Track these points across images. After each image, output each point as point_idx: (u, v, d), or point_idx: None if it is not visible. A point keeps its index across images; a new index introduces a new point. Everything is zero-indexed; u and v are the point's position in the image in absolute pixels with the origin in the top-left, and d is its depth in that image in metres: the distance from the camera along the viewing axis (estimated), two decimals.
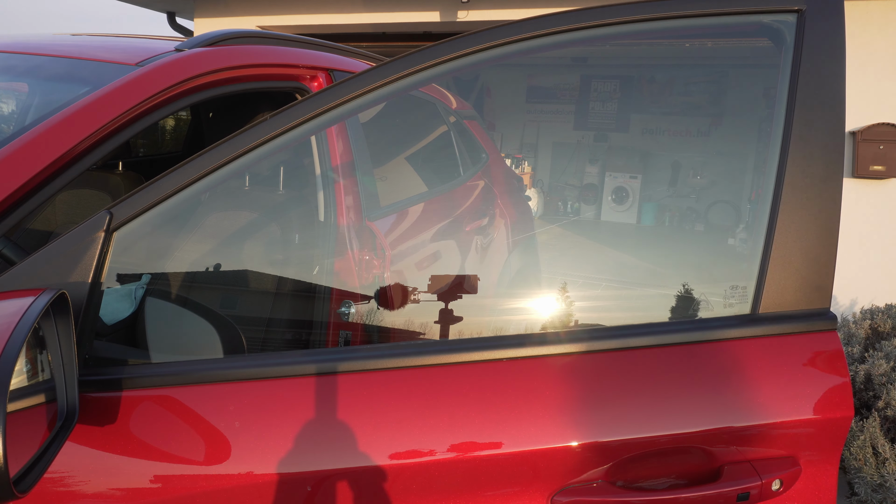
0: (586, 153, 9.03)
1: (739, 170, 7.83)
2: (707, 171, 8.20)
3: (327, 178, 1.75)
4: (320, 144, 1.74)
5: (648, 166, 8.58)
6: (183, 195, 1.11)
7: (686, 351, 1.08)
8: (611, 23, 1.14)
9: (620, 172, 8.47)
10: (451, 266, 2.23)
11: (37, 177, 1.18)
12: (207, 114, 2.68)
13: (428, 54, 1.14)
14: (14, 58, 1.64)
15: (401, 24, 5.95)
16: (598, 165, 8.73)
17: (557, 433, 1.03)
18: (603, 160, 8.78)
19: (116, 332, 1.50)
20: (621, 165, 8.59)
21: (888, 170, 4.63)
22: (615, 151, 8.90)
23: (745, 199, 7.55)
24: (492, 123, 9.20)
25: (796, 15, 1.11)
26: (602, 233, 8.06)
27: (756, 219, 1.14)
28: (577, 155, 9.11)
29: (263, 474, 1.02)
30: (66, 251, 1.04)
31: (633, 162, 8.70)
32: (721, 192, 7.91)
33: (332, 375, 1.07)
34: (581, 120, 9.27)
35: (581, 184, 8.73)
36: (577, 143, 9.23)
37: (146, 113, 1.37)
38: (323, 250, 1.77)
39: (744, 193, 7.68)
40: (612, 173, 8.50)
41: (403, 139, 2.62)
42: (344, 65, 1.95)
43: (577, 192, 8.71)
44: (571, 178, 8.95)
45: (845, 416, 1.05)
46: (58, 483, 1.01)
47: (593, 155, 8.92)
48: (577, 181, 8.79)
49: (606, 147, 9.02)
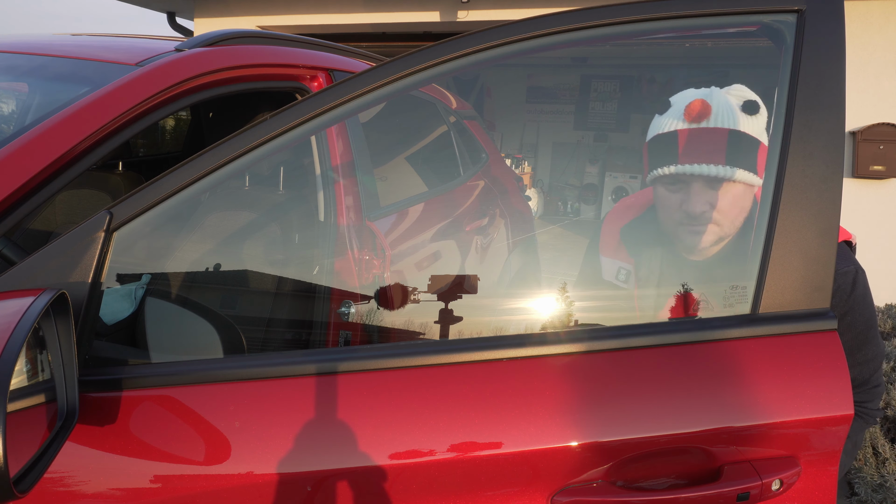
0: (586, 153, 9.03)
1: None
2: None
3: (327, 178, 1.75)
4: (320, 144, 1.74)
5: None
6: (183, 195, 1.11)
7: (686, 351, 1.08)
8: (611, 23, 1.14)
9: (620, 172, 8.46)
10: (451, 266, 2.23)
11: (37, 177, 1.18)
12: (207, 114, 2.68)
13: (428, 54, 1.14)
14: (14, 58, 1.64)
15: (401, 24, 5.95)
16: (598, 165, 8.73)
17: (557, 433, 1.03)
18: (603, 160, 8.77)
19: (116, 332, 1.50)
20: (621, 165, 8.59)
21: (888, 170, 4.63)
22: (615, 151, 8.90)
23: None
24: (492, 123, 9.20)
25: (796, 15, 1.11)
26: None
27: (756, 219, 1.14)
28: (577, 155, 9.11)
29: (263, 474, 1.02)
30: (66, 251, 1.04)
31: (633, 162, 8.69)
32: None
33: (332, 375, 1.07)
34: (581, 120, 9.26)
35: (581, 184, 8.72)
36: (577, 143, 9.22)
37: (146, 113, 1.37)
38: (323, 250, 1.77)
39: None
40: (612, 173, 8.50)
41: (403, 139, 2.62)
42: (344, 65, 1.95)
43: (577, 192, 8.71)
44: (571, 178, 8.94)
45: (845, 416, 1.05)
46: (58, 483, 1.01)
47: (593, 155, 8.92)
48: (577, 181, 8.78)
49: (606, 147, 9.01)
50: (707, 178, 1.35)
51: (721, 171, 1.34)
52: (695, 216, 1.36)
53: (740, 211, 1.38)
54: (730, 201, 1.37)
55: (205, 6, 6.37)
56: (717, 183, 1.36)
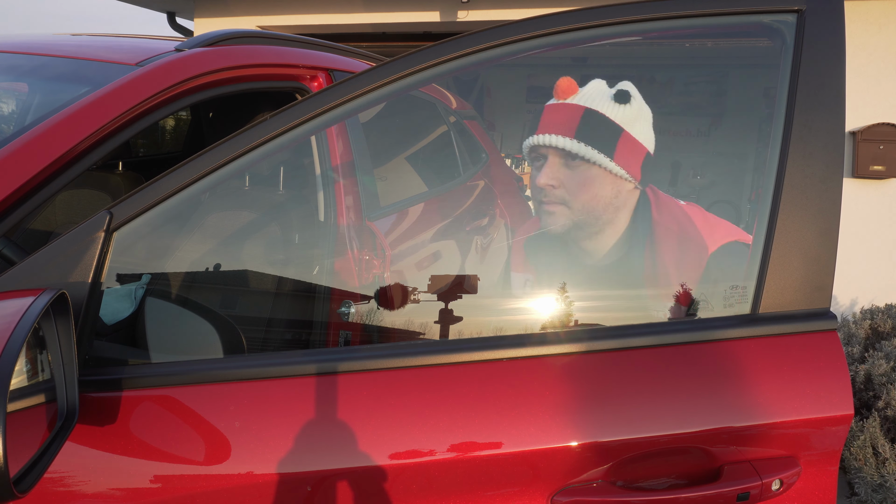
0: None
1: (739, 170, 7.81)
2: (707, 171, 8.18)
3: (327, 178, 1.75)
4: (320, 144, 1.74)
5: (648, 166, 8.55)
6: (183, 195, 1.11)
7: (686, 351, 1.08)
8: (611, 23, 1.14)
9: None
10: (450, 266, 2.23)
11: (37, 177, 1.18)
12: (207, 114, 2.68)
13: (428, 54, 1.14)
14: (14, 58, 1.64)
15: (401, 24, 5.95)
16: None
17: (557, 433, 1.03)
18: None
19: (116, 332, 1.50)
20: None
21: (888, 170, 4.63)
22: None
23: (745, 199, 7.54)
24: (492, 123, 9.18)
25: (796, 15, 1.11)
26: None
27: (756, 219, 1.14)
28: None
29: (263, 474, 1.02)
30: (66, 251, 1.04)
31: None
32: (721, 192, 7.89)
33: (332, 375, 1.07)
34: None
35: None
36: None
37: (146, 113, 1.37)
38: (323, 250, 1.77)
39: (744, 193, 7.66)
40: None
41: (403, 139, 2.62)
42: (344, 65, 1.95)
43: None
44: None
45: (845, 416, 1.05)
46: (58, 483, 1.01)
47: None
48: None
49: None
50: (556, 153, 1.35)
51: (562, 142, 1.34)
52: (539, 188, 1.36)
53: (593, 197, 1.37)
54: (579, 182, 1.36)
55: (205, 6, 6.37)
56: (565, 158, 1.35)
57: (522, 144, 1.42)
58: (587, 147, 1.33)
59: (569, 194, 1.37)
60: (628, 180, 1.38)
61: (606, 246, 1.43)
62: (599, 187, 1.37)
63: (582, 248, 1.45)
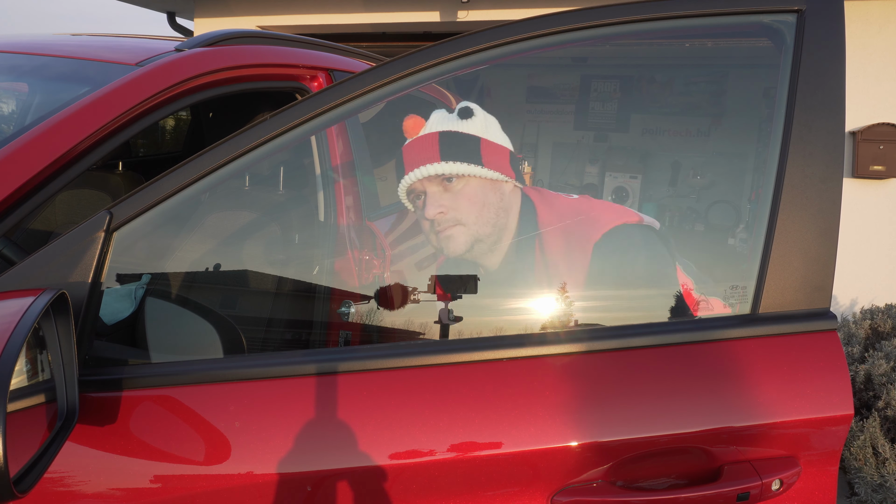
0: (586, 153, 9.02)
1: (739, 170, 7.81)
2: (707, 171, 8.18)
3: (327, 178, 1.75)
4: (320, 144, 1.74)
5: (648, 166, 8.56)
6: (183, 195, 1.11)
7: (686, 351, 1.08)
8: (611, 23, 1.14)
9: (620, 172, 8.45)
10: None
11: (37, 177, 1.18)
12: (207, 114, 2.68)
13: (428, 54, 1.14)
14: (14, 58, 1.64)
15: (401, 24, 5.95)
16: (598, 165, 8.71)
17: (557, 433, 1.03)
18: (603, 160, 8.76)
19: (116, 332, 1.50)
20: (621, 165, 8.57)
21: (888, 170, 4.63)
22: (615, 151, 8.89)
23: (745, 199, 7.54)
24: None
25: (796, 15, 1.11)
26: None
27: (756, 219, 1.14)
28: (577, 155, 9.10)
29: (263, 474, 1.02)
30: (66, 251, 1.04)
31: (633, 162, 8.68)
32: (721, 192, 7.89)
33: (332, 375, 1.07)
34: (581, 120, 9.25)
35: (581, 184, 8.72)
36: (577, 143, 9.22)
37: (146, 113, 1.37)
38: (323, 250, 1.77)
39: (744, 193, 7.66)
40: (612, 173, 8.48)
41: (404, 139, 2.61)
42: (344, 65, 1.95)
43: (577, 192, 8.70)
44: (571, 178, 8.93)
45: (845, 416, 1.05)
46: (58, 483, 1.01)
47: (593, 155, 8.91)
48: (577, 181, 8.78)
49: (606, 147, 9.00)
50: (432, 183, 1.39)
51: (433, 168, 1.38)
52: (432, 218, 1.39)
53: (483, 205, 1.40)
54: (464, 197, 1.39)
55: (205, 6, 6.37)
56: (442, 184, 1.39)
57: (398, 193, 1.47)
58: (457, 163, 1.38)
59: (460, 213, 1.40)
60: (506, 180, 1.44)
61: (480, 242, 1.46)
62: (484, 194, 1.41)
63: (487, 262, 1.48)
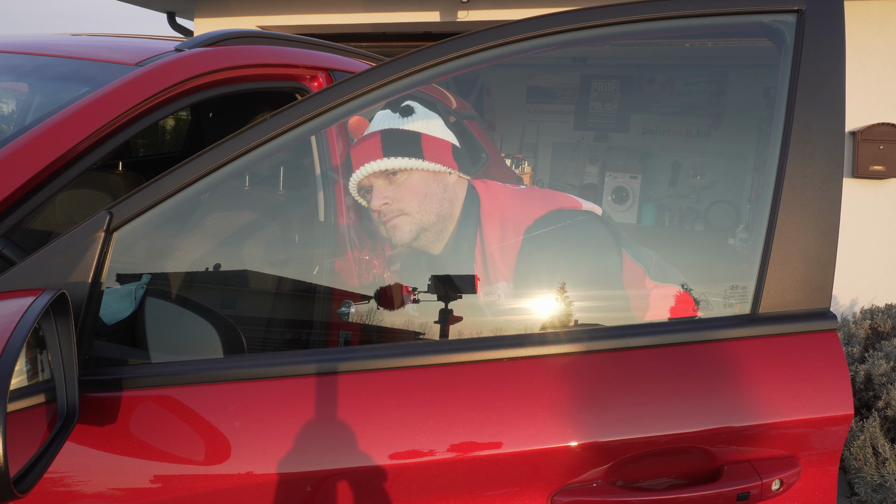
0: (586, 153, 9.02)
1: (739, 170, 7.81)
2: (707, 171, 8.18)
3: (327, 178, 1.75)
4: (320, 144, 1.74)
5: (648, 166, 8.56)
6: (183, 195, 1.11)
7: (686, 351, 1.08)
8: (611, 23, 1.14)
9: (620, 172, 8.44)
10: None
11: (37, 177, 1.18)
12: (207, 114, 2.68)
13: (428, 54, 1.14)
14: (14, 58, 1.64)
15: (401, 24, 5.95)
16: (598, 165, 8.71)
17: (557, 433, 1.03)
18: (603, 160, 8.76)
19: (116, 332, 1.50)
20: (621, 165, 8.57)
21: (888, 170, 4.63)
22: (615, 151, 8.89)
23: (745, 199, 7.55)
24: (492, 123, 9.18)
25: (796, 15, 1.11)
26: None
27: (756, 219, 1.14)
28: (577, 155, 9.10)
29: (263, 474, 1.02)
30: (66, 251, 1.04)
31: (633, 162, 8.68)
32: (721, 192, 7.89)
33: (332, 375, 1.07)
34: (581, 120, 9.25)
35: (581, 184, 8.71)
36: (577, 143, 9.22)
37: (146, 113, 1.37)
38: (323, 250, 1.77)
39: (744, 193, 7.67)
40: (612, 173, 8.48)
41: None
42: (344, 65, 1.95)
43: (577, 192, 8.70)
44: (571, 178, 8.93)
45: (845, 416, 1.05)
46: (58, 483, 1.01)
47: (593, 155, 8.92)
48: (577, 181, 8.77)
49: (606, 147, 9.01)
50: (377, 178, 1.47)
51: (376, 165, 1.46)
52: (377, 209, 1.47)
53: (426, 195, 1.48)
54: (408, 189, 1.47)
55: (205, 6, 6.37)
56: (387, 178, 1.47)
57: (349, 189, 1.56)
58: (399, 158, 1.47)
59: (404, 203, 1.48)
60: (448, 172, 1.51)
61: (425, 231, 1.53)
62: (427, 185, 1.49)
63: (432, 249, 1.55)
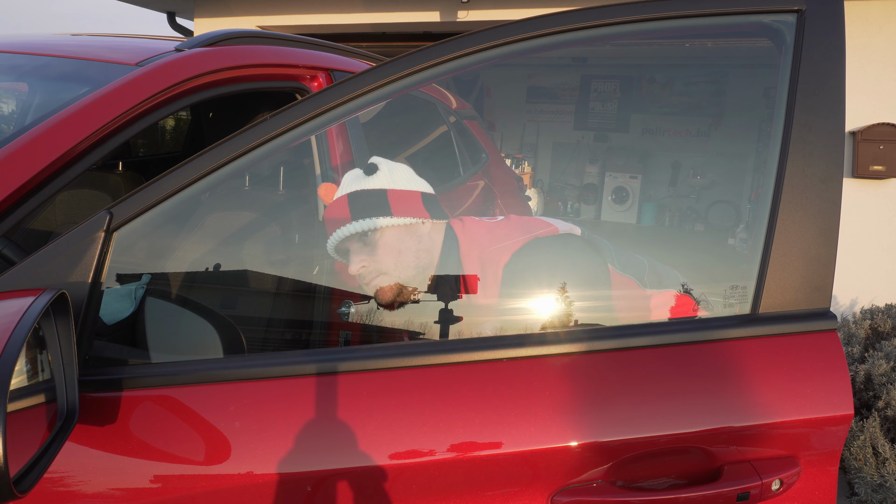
0: (586, 153, 9.03)
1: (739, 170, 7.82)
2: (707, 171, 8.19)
3: (327, 179, 1.75)
4: (320, 144, 1.74)
5: (648, 166, 8.57)
6: (183, 195, 1.11)
7: (686, 351, 1.08)
8: (611, 23, 1.14)
9: (620, 172, 8.46)
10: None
11: (37, 177, 1.18)
12: (207, 114, 2.68)
13: (428, 54, 1.14)
14: (14, 58, 1.64)
15: (401, 24, 5.95)
16: (598, 165, 8.72)
17: (557, 433, 1.03)
18: (603, 160, 8.77)
19: (116, 332, 1.50)
20: (621, 165, 8.58)
21: (888, 170, 4.63)
22: (615, 151, 8.90)
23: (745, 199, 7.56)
24: (492, 123, 9.19)
25: (796, 15, 1.11)
26: (602, 233, 8.04)
27: (756, 219, 1.14)
28: (577, 155, 9.11)
29: (263, 474, 1.02)
30: (66, 251, 1.04)
31: (633, 162, 8.69)
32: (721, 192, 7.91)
33: (332, 375, 1.07)
34: (581, 120, 9.26)
35: (581, 184, 8.72)
36: (577, 143, 9.22)
37: (146, 113, 1.37)
38: (323, 250, 1.77)
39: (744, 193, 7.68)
40: (612, 173, 8.49)
41: (403, 139, 2.62)
42: (344, 65, 1.95)
43: (577, 192, 8.71)
44: (571, 178, 8.94)
45: (845, 416, 1.05)
46: (58, 483, 1.01)
47: (593, 155, 8.92)
48: (577, 181, 8.78)
49: (606, 147, 9.01)
50: (351, 242, 1.45)
51: (346, 230, 1.44)
52: (356, 274, 1.45)
53: (401, 251, 1.46)
54: (381, 249, 1.44)
55: (205, 6, 6.37)
56: (360, 242, 1.45)
57: (328, 252, 1.54)
58: (366, 220, 1.45)
59: (380, 263, 1.45)
60: (421, 222, 1.48)
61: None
62: (400, 240, 1.46)
63: (380, 298, 1.51)
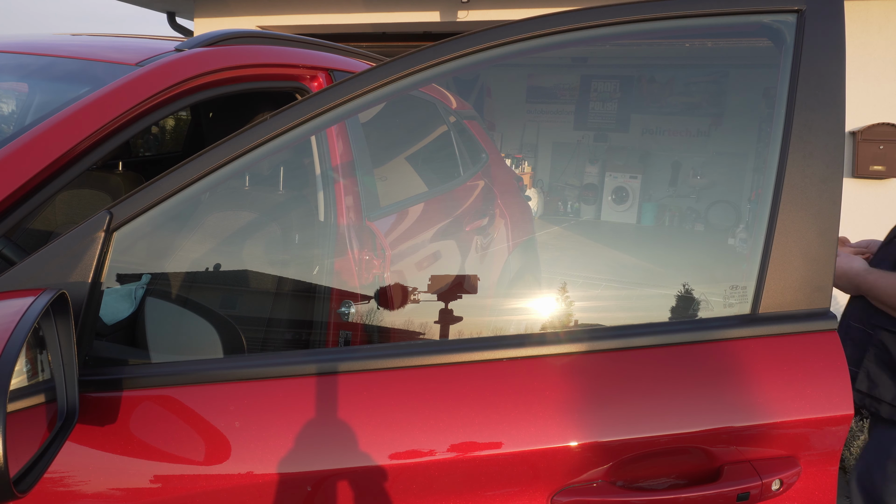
0: (586, 153, 9.03)
1: (739, 170, 7.83)
2: (707, 171, 8.20)
3: (327, 178, 1.75)
4: (320, 144, 1.74)
5: (648, 166, 8.59)
6: (183, 195, 1.11)
7: (686, 351, 1.08)
8: (611, 23, 1.14)
9: (620, 172, 8.47)
10: (451, 266, 2.23)
11: (37, 177, 1.18)
12: (207, 114, 2.68)
13: (428, 54, 1.14)
14: (14, 58, 1.64)
15: (401, 24, 5.95)
16: (598, 165, 8.73)
17: (557, 433, 1.03)
18: (603, 160, 8.78)
19: (116, 332, 1.50)
20: (621, 165, 8.59)
21: (888, 170, 4.63)
22: (615, 151, 8.91)
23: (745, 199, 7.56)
24: (492, 123, 9.20)
25: (796, 15, 1.11)
26: (602, 233, 8.06)
27: (756, 219, 1.14)
28: (577, 155, 9.11)
29: (263, 474, 1.02)
30: (66, 251, 1.04)
31: (633, 162, 8.70)
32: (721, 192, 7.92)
33: (332, 375, 1.07)
34: (581, 120, 9.27)
35: (581, 184, 8.73)
36: (577, 143, 9.23)
37: (146, 113, 1.37)
38: (323, 250, 1.77)
39: (744, 193, 7.69)
40: (612, 173, 8.50)
41: (403, 139, 2.62)
42: (344, 65, 1.95)
43: (577, 192, 8.72)
44: (571, 178, 8.95)
45: (845, 416, 1.05)
46: (58, 483, 1.01)
47: (593, 155, 8.93)
48: (577, 181, 8.79)
49: (606, 147, 9.02)
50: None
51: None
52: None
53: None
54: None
55: (205, 6, 6.37)
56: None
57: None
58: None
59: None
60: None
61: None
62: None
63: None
